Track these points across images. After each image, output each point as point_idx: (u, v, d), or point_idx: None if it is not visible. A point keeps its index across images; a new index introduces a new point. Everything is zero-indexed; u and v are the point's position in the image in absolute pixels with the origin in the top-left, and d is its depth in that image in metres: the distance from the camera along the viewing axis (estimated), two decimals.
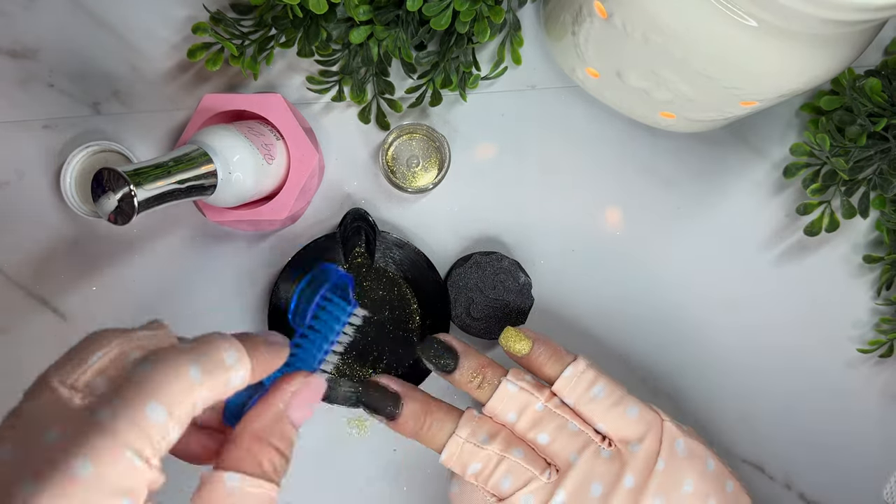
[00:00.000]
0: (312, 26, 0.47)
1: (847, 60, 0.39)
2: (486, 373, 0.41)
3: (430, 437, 0.41)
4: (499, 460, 0.40)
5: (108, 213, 0.37)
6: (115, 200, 0.36)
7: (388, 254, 0.50)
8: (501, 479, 0.40)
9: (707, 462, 0.41)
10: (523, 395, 0.40)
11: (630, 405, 0.41)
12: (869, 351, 0.52)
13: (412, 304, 0.50)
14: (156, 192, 0.37)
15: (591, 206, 0.53)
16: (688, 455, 0.40)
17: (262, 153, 0.43)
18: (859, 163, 0.48)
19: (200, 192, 0.40)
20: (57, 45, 0.51)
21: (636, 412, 0.40)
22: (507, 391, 0.40)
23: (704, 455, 0.41)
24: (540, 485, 0.39)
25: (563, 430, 0.40)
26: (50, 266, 0.51)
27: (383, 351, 0.50)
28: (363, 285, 0.50)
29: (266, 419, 0.31)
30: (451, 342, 0.42)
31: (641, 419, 0.40)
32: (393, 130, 0.50)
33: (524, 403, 0.40)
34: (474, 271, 0.50)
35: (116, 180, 0.36)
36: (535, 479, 0.39)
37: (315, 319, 0.35)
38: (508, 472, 0.39)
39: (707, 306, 0.53)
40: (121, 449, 0.25)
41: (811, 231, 0.51)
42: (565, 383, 0.41)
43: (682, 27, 0.37)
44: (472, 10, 0.44)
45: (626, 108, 0.50)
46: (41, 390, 0.27)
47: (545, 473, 0.40)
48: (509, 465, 0.40)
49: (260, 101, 0.46)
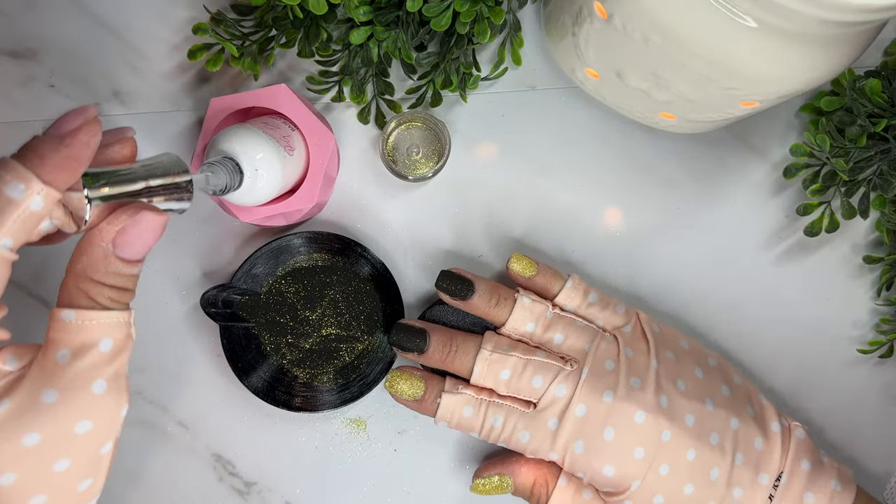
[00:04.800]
0: (313, 27, 0.47)
1: (847, 61, 0.39)
2: (500, 293, 0.47)
3: (457, 362, 0.46)
4: (525, 363, 0.45)
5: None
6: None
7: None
8: (532, 379, 0.45)
9: (679, 342, 0.48)
10: (537, 305, 0.46)
11: (617, 304, 0.48)
12: (869, 352, 0.52)
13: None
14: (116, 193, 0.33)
15: (591, 206, 0.53)
16: (662, 333, 0.48)
17: (282, 146, 0.43)
18: (859, 163, 0.48)
19: (178, 196, 0.36)
20: (57, 46, 0.51)
21: (623, 308, 0.48)
22: (524, 304, 0.46)
23: (677, 335, 0.48)
24: (566, 374, 0.45)
25: (572, 327, 0.46)
26: (50, 266, 0.51)
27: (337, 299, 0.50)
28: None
29: (90, 259, 0.31)
30: (462, 273, 0.47)
31: (626, 312, 0.48)
32: (392, 119, 0.50)
33: (539, 313, 0.46)
34: (451, 309, 0.49)
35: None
36: (561, 371, 0.45)
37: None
38: (536, 372, 0.45)
39: (707, 306, 0.53)
40: None
41: (811, 231, 0.51)
42: (567, 294, 0.47)
43: (683, 28, 0.37)
44: (472, 11, 0.44)
45: (626, 108, 0.50)
46: None
47: (567, 364, 0.45)
48: (536, 366, 0.45)
49: (267, 95, 0.46)
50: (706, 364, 0.48)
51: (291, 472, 0.51)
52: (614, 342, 0.46)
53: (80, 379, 0.31)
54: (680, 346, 0.48)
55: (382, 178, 0.52)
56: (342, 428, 0.51)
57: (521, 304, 0.46)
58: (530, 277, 0.47)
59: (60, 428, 0.30)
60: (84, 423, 0.31)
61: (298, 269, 0.50)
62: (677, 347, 0.48)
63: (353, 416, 0.51)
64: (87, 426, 0.31)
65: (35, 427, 0.30)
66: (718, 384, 0.47)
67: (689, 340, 0.49)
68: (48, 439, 0.30)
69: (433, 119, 0.50)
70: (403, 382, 0.46)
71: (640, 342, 0.47)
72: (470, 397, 0.45)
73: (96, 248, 0.31)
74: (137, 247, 0.32)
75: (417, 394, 0.46)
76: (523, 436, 0.45)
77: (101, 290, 0.31)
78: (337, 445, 0.51)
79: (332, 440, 0.51)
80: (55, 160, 0.30)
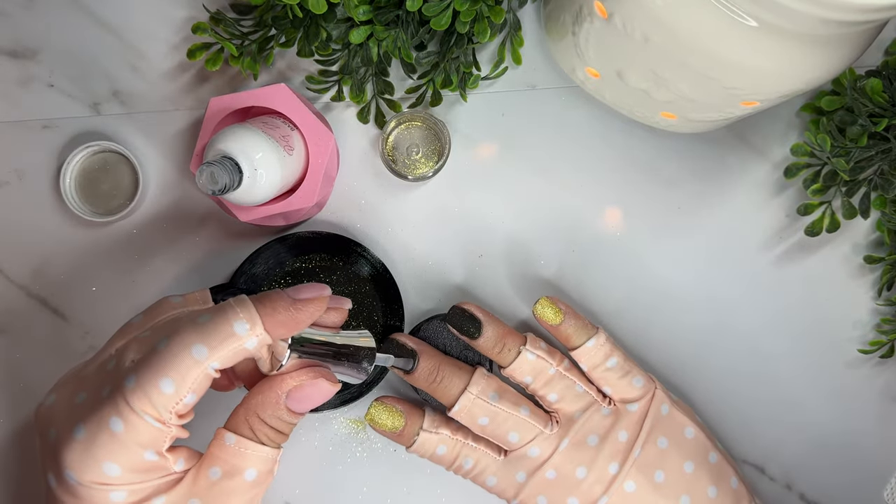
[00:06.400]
0: (312, 26, 0.47)
1: (848, 61, 0.39)
2: (507, 341, 0.46)
3: (441, 390, 0.46)
4: (506, 417, 0.45)
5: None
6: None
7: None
8: (509, 434, 0.46)
9: (685, 429, 0.47)
10: (539, 362, 0.46)
11: (636, 376, 0.47)
12: (870, 352, 0.52)
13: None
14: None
15: (591, 206, 0.53)
16: (670, 415, 0.47)
17: (281, 145, 0.43)
18: (860, 163, 0.48)
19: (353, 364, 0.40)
20: (57, 46, 0.51)
21: (641, 382, 0.47)
22: (526, 360, 0.46)
23: (684, 423, 0.47)
24: (544, 437, 0.46)
25: (570, 391, 0.46)
26: (50, 266, 0.51)
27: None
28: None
29: (264, 399, 0.36)
30: (474, 311, 0.46)
31: (644, 386, 0.47)
32: (392, 119, 0.50)
33: (540, 369, 0.46)
34: (443, 328, 0.49)
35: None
36: (540, 434, 0.46)
37: None
38: (515, 428, 0.46)
39: (707, 306, 0.53)
40: (139, 415, 0.33)
41: (812, 231, 0.51)
42: (586, 352, 0.46)
43: (683, 27, 0.37)
44: (472, 11, 0.44)
45: (627, 108, 0.50)
46: (109, 348, 0.37)
47: (548, 426, 0.46)
48: (516, 422, 0.46)
49: (266, 94, 0.46)
50: (702, 458, 0.47)
51: (291, 472, 0.51)
52: (611, 417, 0.46)
53: (221, 497, 0.35)
54: (682, 434, 0.47)
55: (382, 177, 0.52)
56: (342, 428, 0.51)
57: (525, 359, 0.46)
58: (555, 326, 0.47)
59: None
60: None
61: (298, 269, 0.50)
62: (678, 435, 0.47)
63: (353, 416, 0.51)
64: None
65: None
66: (706, 484, 0.46)
67: (698, 428, 0.48)
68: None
69: (433, 119, 0.50)
70: (385, 415, 0.46)
71: (638, 426, 0.46)
72: (446, 437, 0.46)
73: (272, 393, 0.36)
74: (305, 404, 0.37)
75: (397, 427, 0.46)
76: (490, 479, 0.47)
77: (263, 427, 0.36)
78: (337, 445, 0.51)
79: (332, 440, 0.51)
80: (283, 318, 0.35)
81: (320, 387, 0.37)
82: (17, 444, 0.50)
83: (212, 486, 0.35)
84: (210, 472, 0.35)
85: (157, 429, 0.33)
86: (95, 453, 0.33)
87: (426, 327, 0.49)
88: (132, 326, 0.38)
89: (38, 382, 0.50)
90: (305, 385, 0.36)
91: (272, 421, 0.36)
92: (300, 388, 0.36)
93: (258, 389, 0.37)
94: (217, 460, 0.35)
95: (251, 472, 0.36)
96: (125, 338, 0.37)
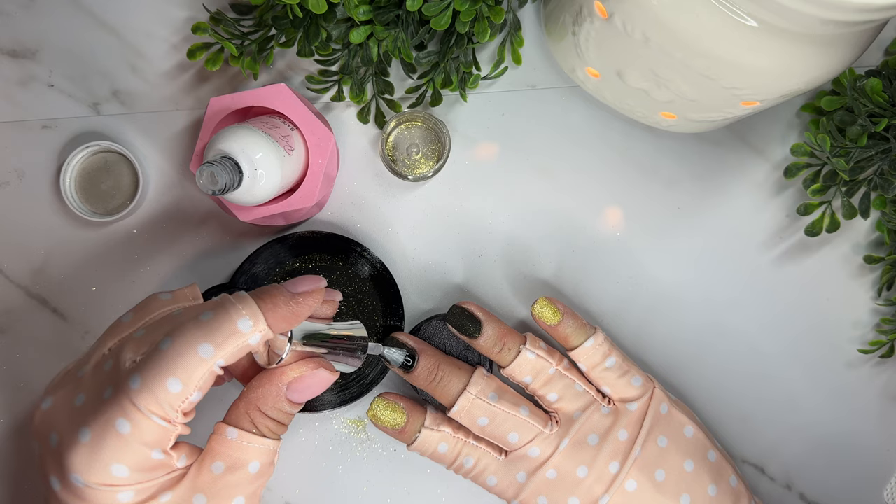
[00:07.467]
0: (312, 26, 0.47)
1: (848, 61, 0.39)
2: (507, 340, 0.46)
3: (441, 389, 0.46)
4: (506, 417, 0.45)
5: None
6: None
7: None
8: (508, 434, 0.46)
9: (684, 429, 0.47)
10: (539, 361, 0.46)
11: (635, 376, 0.47)
12: (869, 351, 0.52)
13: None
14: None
15: (591, 206, 0.53)
16: (669, 414, 0.47)
17: (281, 145, 0.43)
18: (860, 163, 0.48)
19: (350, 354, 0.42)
20: (57, 46, 0.51)
21: (640, 382, 0.47)
22: (526, 359, 0.46)
23: (683, 421, 0.47)
24: (544, 437, 0.46)
25: (570, 390, 0.46)
26: (50, 266, 0.51)
27: None
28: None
29: (265, 393, 0.37)
30: (474, 310, 0.46)
31: (642, 386, 0.47)
32: (392, 119, 0.50)
33: (539, 368, 0.46)
34: (442, 328, 0.49)
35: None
36: (540, 434, 0.46)
37: None
38: (515, 429, 0.45)
39: (707, 306, 0.53)
40: (146, 415, 0.33)
41: (812, 231, 0.51)
42: (584, 352, 0.46)
43: (683, 27, 0.37)
44: (472, 10, 0.44)
45: (627, 108, 0.50)
46: (101, 347, 0.37)
47: (548, 426, 0.46)
48: (516, 422, 0.45)
49: (267, 94, 0.46)
50: (702, 457, 0.47)
51: (291, 472, 0.51)
52: (611, 416, 0.46)
53: (226, 491, 0.36)
54: (682, 433, 0.47)
55: (382, 177, 0.52)
56: (342, 428, 0.51)
57: (524, 358, 0.46)
58: (553, 326, 0.47)
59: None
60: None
61: (298, 269, 0.50)
62: (678, 434, 0.47)
63: (353, 416, 0.51)
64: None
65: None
66: (706, 482, 0.46)
67: (697, 427, 0.48)
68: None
69: (433, 118, 0.50)
70: (387, 411, 0.46)
71: (638, 425, 0.46)
72: (448, 435, 0.46)
73: (273, 386, 0.37)
74: (306, 394, 0.37)
75: (399, 423, 0.46)
76: (491, 479, 0.47)
77: (265, 420, 0.37)
78: (337, 445, 0.51)
79: (332, 440, 0.51)
80: (284, 312, 0.35)
81: (320, 376, 0.37)
82: (18, 444, 0.50)
83: (216, 481, 0.36)
84: (213, 467, 0.36)
85: (164, 428, 0.34)
86: (103, 455, 0.33)
87: (426, 327, 0.49)
88: (122, 325, 0.38)
89: (38, 382, 0.50)
90: (306, 376, 0.37)
91: (273, 413, 0.37)
92: (301, 380, 0.37)
93: (258, 383, 0.37)
94: (219, 455, 0.36)
95: (254, 464, 0.36)
96: (116, 337, 0.37)
